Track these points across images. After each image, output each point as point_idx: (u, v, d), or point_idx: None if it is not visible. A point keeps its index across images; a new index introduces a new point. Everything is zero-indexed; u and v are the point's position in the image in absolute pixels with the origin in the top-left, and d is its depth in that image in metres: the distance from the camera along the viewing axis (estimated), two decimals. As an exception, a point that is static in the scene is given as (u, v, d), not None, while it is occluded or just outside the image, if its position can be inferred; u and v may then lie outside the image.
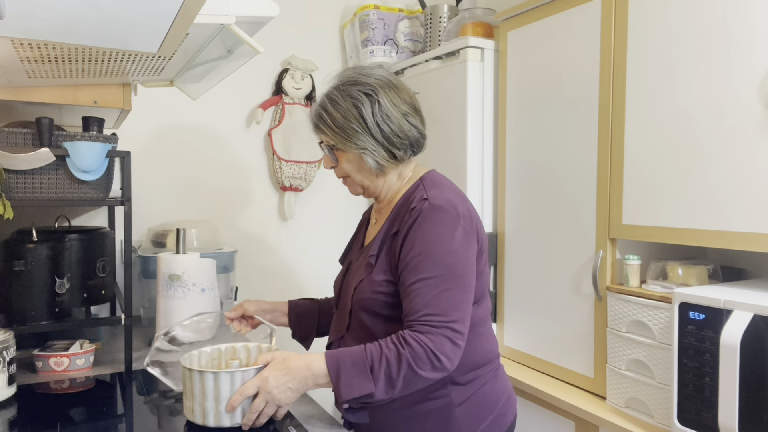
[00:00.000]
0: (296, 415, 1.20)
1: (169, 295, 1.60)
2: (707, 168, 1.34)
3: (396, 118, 1.18)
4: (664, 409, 1.39)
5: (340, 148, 1.20)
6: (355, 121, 1.16)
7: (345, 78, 1.21)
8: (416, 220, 1.12)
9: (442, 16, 2.29)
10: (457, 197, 1.17)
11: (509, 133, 1.95)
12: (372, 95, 1.16)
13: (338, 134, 1.17)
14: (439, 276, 1.07)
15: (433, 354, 1.03)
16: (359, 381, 1.03)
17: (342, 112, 1.16)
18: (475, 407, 1.17)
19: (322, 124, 1.20)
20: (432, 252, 1.09)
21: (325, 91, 1.22)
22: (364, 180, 1.23)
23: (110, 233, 1.68)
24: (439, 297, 1.06)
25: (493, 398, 1.21)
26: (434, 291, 1.07)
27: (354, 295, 1.19)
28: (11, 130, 1.38)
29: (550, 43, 1.78)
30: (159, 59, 1.24)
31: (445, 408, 1.14)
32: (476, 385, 1.18)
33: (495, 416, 1.20)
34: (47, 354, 1.47)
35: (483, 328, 1.22)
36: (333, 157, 1.23)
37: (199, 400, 1.07)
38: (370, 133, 1.16)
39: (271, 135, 2.37)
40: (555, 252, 1.77)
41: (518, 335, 1.93)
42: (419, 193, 1.18)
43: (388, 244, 1.17)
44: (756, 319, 1.14)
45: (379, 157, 1.18)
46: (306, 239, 2.52)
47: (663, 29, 1.43)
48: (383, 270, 1.16)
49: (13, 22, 0.83)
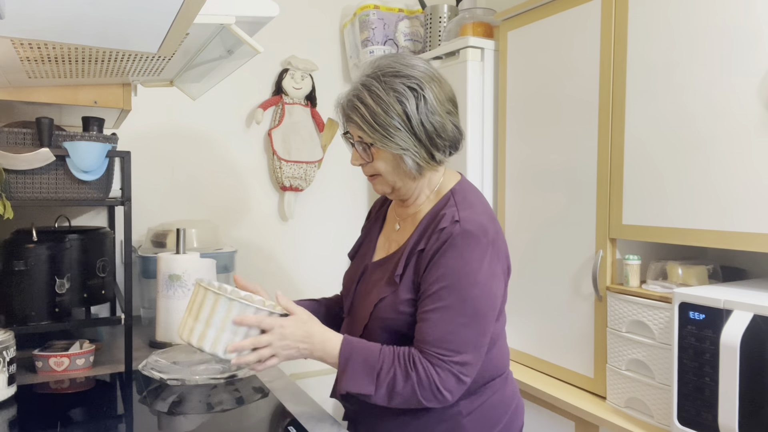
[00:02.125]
0: (296, 415, 1.20)
1: (169, 295, 1.60)
2: (707, 168, 1.34)
3: (441, 116, 1.08)
4: (664, 409, 1.39)
5: (377, 146, 1.08)
6: (398, 117, 1.05)
7: (385, 68, 1.08)
8: (445, 242, 1.05)
9: (442, 16, 2.29)
10: (487, 218, 1.10)
11: (509, 133, 1.95)
12: (417, 90, 1.05)
13: (378, 131, 1.06)
14: (459, 309, 1.03)
15: (437, 388, 1.01)
16: (362, 379, 1.03)
17: (383, 107, 1.05)
18: (484, 417, 1.14)
19: (358, 118, 1.07)
20: (455, 283, 1.03)
21: (359, 80, 1.10)
22: (398, 181, 1.13)
23: (110, 233, 1.68)
24: (455, 333, 1.03)
25: (502, 407, 1.18)
26: (450, 325, 1.03)
27: (374, 312, 1.13)
28: (11, 130, 1.38)
29: (550, 43, 1.78)
30: (159, 59, 1.24)
31: (454, 417, 1.11)
32: (486, 396, 1.15)
33: (504, 425, 1.17)
34: (47, 354, 1.47)
35: (500, 342, 1.19)
36: (366, 155, 1.11)
37: (204, 322, 1.02)
38: (413, 132, 1.06)
39: (271, 135, 2.37)
40: (555, 252, 1.77)
41: (518, 335, 1.93)
42: (450, 211, 1.09)
43: (415, 263, 1.10)
44: (756, 319, 1.14)
45: (419, 159, 1.08)
46: (306, 239, 2.52)
47: (663, 29, 1.43)
48: (408, 289, 1.10)
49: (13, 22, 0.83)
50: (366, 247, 1.28)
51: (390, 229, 1.25)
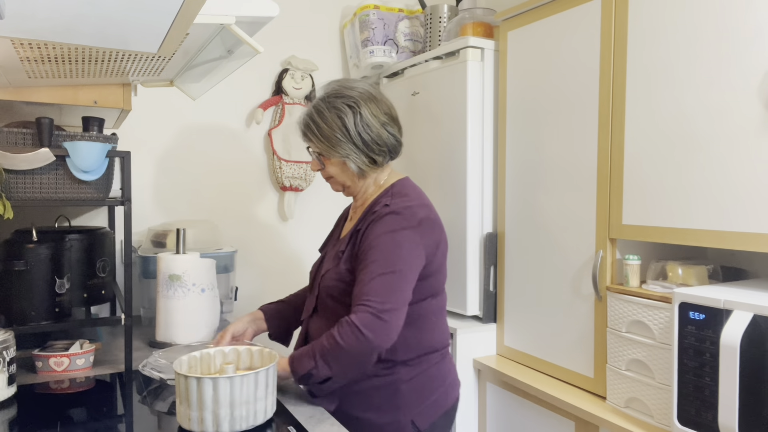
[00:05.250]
0: (296, 415, 1.20)
1: (169, 295, 1.60)
2: (707, 168, 1.34)
3: (376, 127, 1.33)
4: (664, 409, 1.39)
5: (324, 155, 1.35)
6: (339, 130, 1.31)
7: (330, 90, 1.35)
8: (374, 220, 1.29)
9: (442, 16, 2.29)
10: (417, 205, 1.32)
11: (509, 133, 1.95)
12: (354, 107, 1.31)
13: (324, 143, 1.33)
14: (380, 263, 1.23)
15: (355, 327, 1.18)
16: (303, 361, 1.23)
17: (327, 123, 1.32)
18: (421, 385, 1.33)
19: (310, 133, 1.35)
20: (379, 244, 1.25)
21: (313, 103, 1.37)
22: (347, 181, 1.39)
23: (110, 233, 1.68)
24: (376, 281, 1.21)
25: (438, 380, 1.37)
26: (373, 276, 1.22)
27: (322, 282, 1.36)
28: (11, 130, 1.38)
29: (550, 43, 1.78)
30: (159, 59, 1.24)
31: (393, 384, 1.31)
32: (423, 367, 1.34)
33: (440, 393, 1.36)
34: (47, 354, 1.47)
35: (437, 319, 1.38)
36: (319, 163, 1.38)
37: (197, 407, 1.06)
38: (352, 141, 1.32)
39: (271, 135, 2.37)
40: (555, 252, 1.77)
41: (518, 335, 1.93)
42: (385, 199, 1.34)
43: (354, 239, 1.33)
44: (756, 319, 1.14)
45: (360, 163, 1.34)
46: (306, 239, 2.52)
47: (663, 29, 1.43)
48: (346, 261, 1.32)
49: (13, 22, 0.83)
50: (332, 239, 1.52)
51: (348, 222, 1.49)
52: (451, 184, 2.04)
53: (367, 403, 1.31)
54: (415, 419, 1.31)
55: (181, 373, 1.07)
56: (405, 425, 1.31)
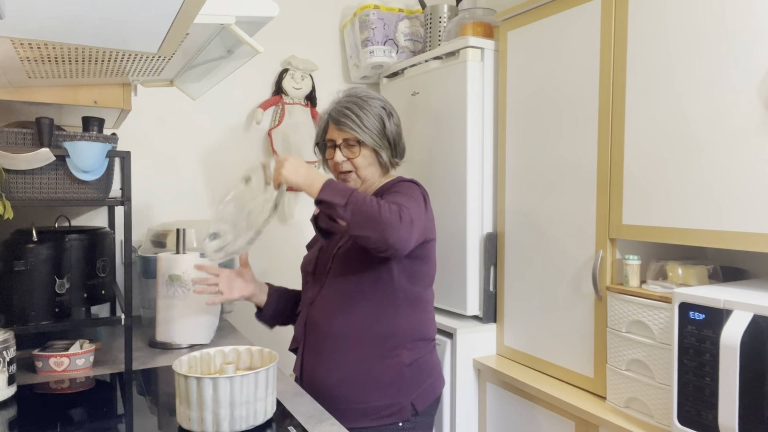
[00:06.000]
0: (296, 415, 1.20)
1: (169, 295, 1.60)
2: (707, 168, 1.34)
3: (400, 130, 1.55)
4: (664, 409, 1.39)
5: (366, 143, 1.46)
6: (380, 123, 1.48)
7: (360, 93, 1.51)
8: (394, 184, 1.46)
9: (442, 16, 2.29)
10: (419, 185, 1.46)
11: (509, 133, 1.95)
12: (386, 109, 1.51)
13: (366, 131, 1.46)
14: (405, 195, 1.35)
15: (398, 212, 1.24)
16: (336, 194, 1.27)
17: (373, 116, 1.48)
18: (418, 370, 1.44)
19: (350, 122, 1.45)
20: (403, 191, 1.37)
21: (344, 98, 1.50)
22: (368, 174, 1.50)
23: (110, 233, 1.68)
24: (408, 201, 1.31)
25: (431, 367, 1.49)
26: (403, 199, 1.32)
27: (338, 252, 1.45)
28: (11, 130, 1.38)
29: (550, 43, 1.78)
30: (159, 59, 1.24)
31: (398, 366, 1.41)
32: (420, 353, 1.45)
33: (431, 381, 1.47)
34: (47, 354, 1.47)
35: (430, 308, 1.51)
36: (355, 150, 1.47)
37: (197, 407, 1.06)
38: (386, 137, 1.50)
39: (271, 135, 2.37)
40: (555, 252, 1.77)
41: (518, 335, 1.93)
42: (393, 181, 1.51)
43: None
44: (756, 319, 1.14)
45: (388, 156, 1.51)
46: (306, 239, 2.51)
47: (663, 29, 1.43)
48: None
49: (13, 22, 0.83)
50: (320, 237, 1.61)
51: None
52: (451, 184, 2.04)
53: (372, 386, 1.39)
54: (414, 401, 1.42)
55: (181, 373, 1.07)
56: (405, 407, 1.41)
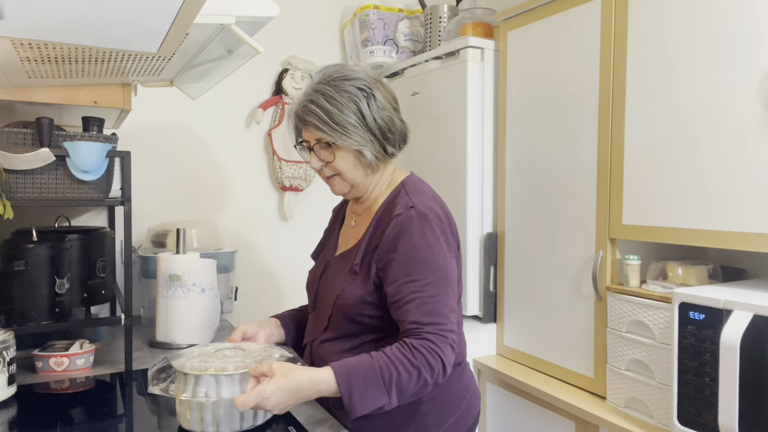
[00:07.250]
0: (297, 416, 1.20)
1: (169, 295, 1.60)
2: (707, 168, 1.34)
3: (389, 112, 1.18)
4: (664, 409, 1.39)
5: (337, 144, 1.15)
6: (353, 115, 1.14)
7: (333, 74, 1.17)
8: (404, 227, 1.12)
9: (442, 16, 2.29)
10: (436, 203, 1.19)
11: (509, 133, 1.95)
12: (366, 90, 1.15)
13: (336, 130, 1.13)
14: (435, 282, 1.09)
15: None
16: (373, 395, 1.02)
17: (338, 107, 1.13)
18: (443, 404, 1.20)
19: (316, 120, 1.14)
20: (425, 258, 1.10)
21: (310, 88, 1.18)
22: (357, 177, 1.20)
23: (110, 233, 1.68)
24: (438, 303, 1.08)
25: (459, 395, 1.23)
26: (433, 298, 1.08)
27: (336, 301, 1.18)
28: (11, 130, 1.38)
29: (550, 43, 1.78)
30: (159, 59, 1.24)
31: (414, 405, 1.16)
32: (444, 384, 1.17)
33: (462, 411, 1.23)
34: (47, 354, 1.47)
35: (460, 330, 1.23)
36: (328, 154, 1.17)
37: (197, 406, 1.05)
38: (368, 128, 1.15)
39: (271, 135, 2.37)
40: (555, 252, 1.77)
41: (518, 335, 1.93)
42: (402, 199, 1.17)
43: (373, 252, 1.16)
44: (756, 319, 1.14)
45: (375, 152, 1.17)
46: (306, 239, 2.52)
47: (663, 29, 1.43)
48: (367, 277, 1.16)
49: (13, 22, 0.83)
50: (327, 246, 1.37)
51: (347, 226, 1.33)
52: (451, 184, 2.04)
53: (388, 427, 1.17)
54: None
55: (181, 371, 1.07)
56: None
